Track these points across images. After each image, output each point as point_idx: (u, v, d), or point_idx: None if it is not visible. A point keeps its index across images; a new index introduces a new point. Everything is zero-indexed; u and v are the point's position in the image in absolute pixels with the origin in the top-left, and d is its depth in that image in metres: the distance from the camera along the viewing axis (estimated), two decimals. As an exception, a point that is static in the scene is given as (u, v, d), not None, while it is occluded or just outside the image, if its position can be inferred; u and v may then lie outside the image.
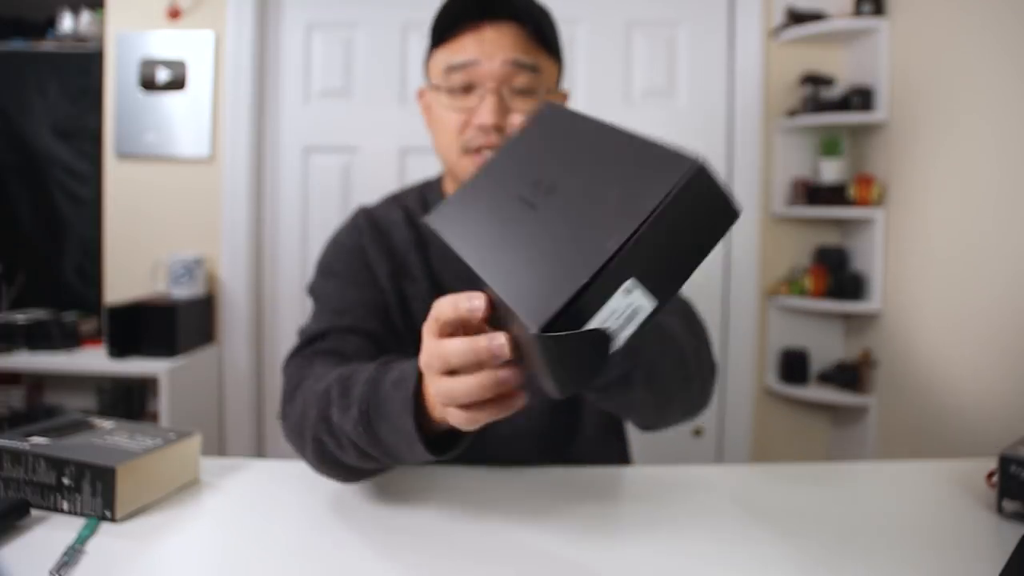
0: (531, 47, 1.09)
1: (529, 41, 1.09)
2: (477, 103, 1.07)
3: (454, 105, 1.09)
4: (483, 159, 1.06)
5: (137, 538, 0.82)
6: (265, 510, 0.92)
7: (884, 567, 0.79)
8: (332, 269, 1.18)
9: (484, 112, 1.06)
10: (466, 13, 1.07)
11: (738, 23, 2.63)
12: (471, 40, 1.07)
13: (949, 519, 0.92)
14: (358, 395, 0.82)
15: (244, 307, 2.66)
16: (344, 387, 0.85)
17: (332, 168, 2.71)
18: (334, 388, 0.87)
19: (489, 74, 1.06)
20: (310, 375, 0.98)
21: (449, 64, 1.08)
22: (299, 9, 2.70)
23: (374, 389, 0.81)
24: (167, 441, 0.95)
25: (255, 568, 0.78)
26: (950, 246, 2.11)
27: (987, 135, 1.97)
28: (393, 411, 0.77)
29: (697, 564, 0.80)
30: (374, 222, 1.22)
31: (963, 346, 2.04)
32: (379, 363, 0.85)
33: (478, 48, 1.06)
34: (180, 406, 2.34)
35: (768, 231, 2.66)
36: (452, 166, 1.13)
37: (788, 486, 1.03)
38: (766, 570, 0.79)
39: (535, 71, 1.08)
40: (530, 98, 1.09)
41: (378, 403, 0.80)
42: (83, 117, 2.69)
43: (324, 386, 0.89)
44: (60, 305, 2.66)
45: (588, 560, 0.80)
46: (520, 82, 1.07)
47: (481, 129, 1.06)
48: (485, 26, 1.07)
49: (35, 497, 0.87)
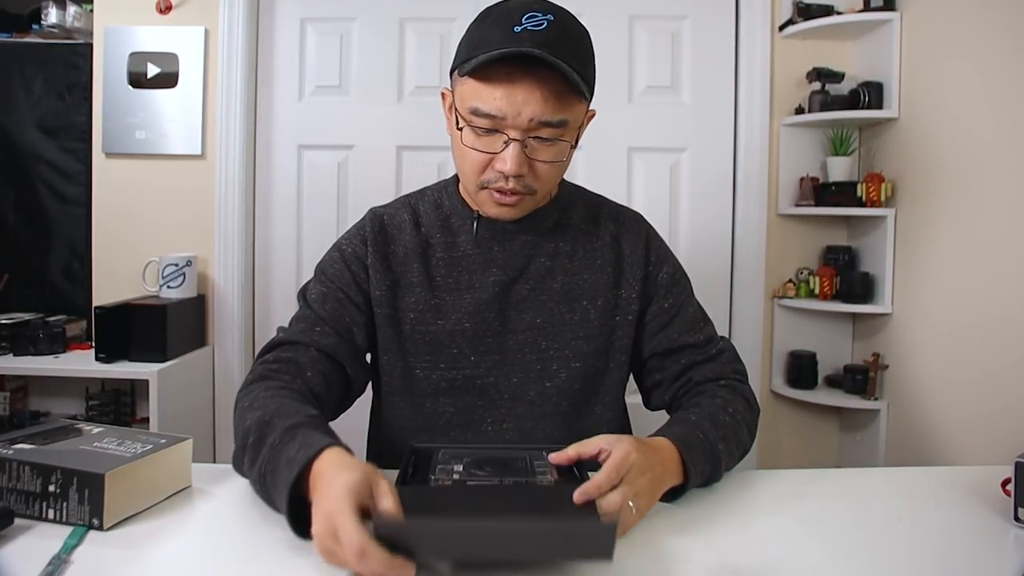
0: (562, 101, 1.06)
1: (561, 93, 1.06)
2: (500, 148, 1.07)
3: (477, 145, 1.09)
4: (501, 198, 1.11)
5: (126, 546, 0.82)
6: (258, 517, 0.91)
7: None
8: (325, 275, 1.22)
9: (507, 161, 1.07)
10: (504, 57, 1.03)
11: (744, 17, 2.59)
12: (502, 92, 1.04)
13: (964, 527, 0.93)
14: (262, 457, 0.89)
15: (236, 309, 2.61)
16: (259, 436, 0.92)
17: (327, 166, 2.67)
18: (252, 434, 0.94)
19: (515, 126, 1.06)
20: (262, 387, 1.06)
21: (475, 108, 1.06)
22: (293, 3, 2.65)
23: (274, 456, 0.88)
24: (157, 447, 0.95)
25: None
26: (962, 246, 2.08)
27: (1000, 132, 1.93)
28: (278, 486, 0.84)
29: (699, 570, 0.79)
30: (381, 227, 1.24)
31: (975, 349, 2.01)
32: (287, 428, 0.90)
33: (507, 103, 1.04)
34: (171, 411, 2.29)
35: (774, 231, 2.62)
36: (470, 192, 1.18)
37: (796, 492, 1.04)
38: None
39: (562, 126, 1.08)
40: (554, 146, 1.09)
41: (273, 470, 0.87)
42: (70, 113, 2.63)
43: (248, 424, 0.96)
44: (46, 308, 2.60)
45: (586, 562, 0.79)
46: (545, 134, 1.07)
47: (502, 173, 1.08)
48: (519, 76, 1.03)
49: (19, 506, 0.86)
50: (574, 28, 1.08)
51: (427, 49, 2.62)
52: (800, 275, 2.61)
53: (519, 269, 1.20)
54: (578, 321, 1.20)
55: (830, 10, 2.48)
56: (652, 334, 1.23)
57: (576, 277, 1.22)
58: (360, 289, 1.20)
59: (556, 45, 1.02)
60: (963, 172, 2.07)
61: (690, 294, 1.28)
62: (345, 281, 1.20)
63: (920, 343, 2.26)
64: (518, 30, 1.02)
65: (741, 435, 1.11)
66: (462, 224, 1.22)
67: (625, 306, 1.22)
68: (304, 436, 0.88)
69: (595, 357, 1.21)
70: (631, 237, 1.26)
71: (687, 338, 1.22)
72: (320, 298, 1.19)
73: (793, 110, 2.56)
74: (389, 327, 1.20)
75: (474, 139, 1.08)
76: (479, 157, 1.09)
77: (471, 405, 1.19)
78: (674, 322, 1.23)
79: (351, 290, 1.19)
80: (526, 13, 1.03)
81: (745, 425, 1.14)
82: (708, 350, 1.23)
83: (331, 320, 1.17)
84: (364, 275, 1.21)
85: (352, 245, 1.23)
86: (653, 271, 1.25)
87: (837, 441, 2.71)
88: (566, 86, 1.04)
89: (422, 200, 1.28)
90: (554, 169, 1.12)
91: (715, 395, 1.16)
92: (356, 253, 1.22)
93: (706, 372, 1.21)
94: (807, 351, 2.59)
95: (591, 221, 1.27)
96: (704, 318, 1.28)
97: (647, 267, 1.24)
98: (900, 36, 2.36)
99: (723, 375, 1.21)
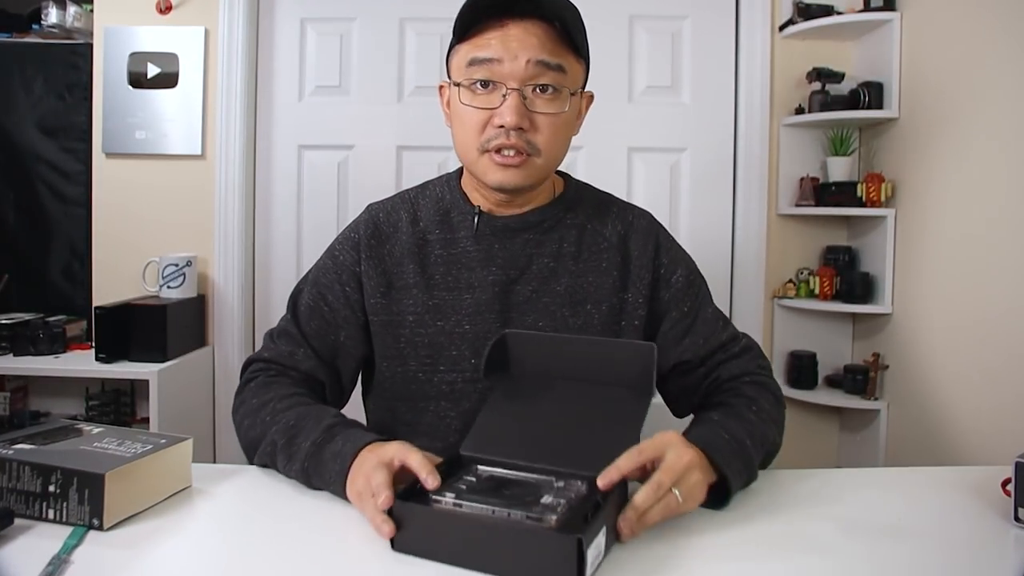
0: (557, 47, 1.06)
1: (556, 41, 1.06)
2: (499, 103, 1.06)
3: (475, 102, 1.07)
4: (503, 159, 1.08)
5: (126, 547, 0.81)
6: (259, 517, 0.92)
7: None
8: (317, 285, 1.22)
9: (506, 112, 1.05)
10: (491, 9, 1.04)
11: (744, 17, 2.59)
12: (496, 37, 1.05)
13: (964, 527, 0.92)
14: (303, 454, 0.98)
15: (237, 309, 2.61)
16: (290, 438, 1.01)
17: (327, 166, 2.66)
18: (280, 437, 1.02)
19: (512, 73, 1.05)
20: (258, 393, 1.13)
21: (472, 58, 1.06)
22: (293, 3, 2.65)
23: (317, 452, 0.97)
24: (157, 447, 0.94)
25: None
26: (962, 246, 2.07)
27: (1001, 132, 1.93)
28: (329, 477, 0.94)
29: (699, 570, 0.79)
30: (375, 228, 1.22)
31: (975, 349, 2.01)
32: (325, 428, 0.99)
33: (502, 46, 1.04)
34: (171, 411, 2.28)
35: (774, 231, 2.61)
36: (471, 164, 1.13)
37: (797, 492, 1.02)
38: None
39: (560, 71, 1.06)
40: (554, 99, 1.08)
41: (318, 465, 0.96)
42: (70, 113, 2.62)
43: (273, 431, 1.04)
44: (46, 308, 2.59)
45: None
46: (544, 80, 1.06)
47: (502, 129, 1.06)
48: (510, 23, 1.04)
49: (19, 506, 0.85)
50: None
51: (427, 49, 2.61)
52: (800, 275, 2.60)
53: (520, 269, 1.17)
54: (582, 326, 1.16)
55: (830, 10, 2.47)
56: (676, 340, 1.19)
57: (581, 279, 1.18)
58: (349, 304, 1.19)
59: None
60: (963, 172, 2.07)
61: (707, 294, 1.25)
62: (335, 294, 1.20)
63: (920, 343, 2.25)
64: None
65: (768, 432, 1.08)
66: (462, 219, 1.19)
67: (631, 311, 1.19)
68: (341, 434, 0.98)
69: None
70: (639, 238, 1.22)
71: (712, 342, 1.19)
72: (308, 313, 1.20)
73: (793, 110, 2.56)
74: (387, 333, 1.18)
75: (472, 96, 1.08)
76: (478, 115, 1.07)
77: (472, 410, 1.13)
78: (696, 327, 1.20)
79: (339, 304, 1.19)
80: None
81: (773, 422, 1.11)
82: (732, 348, 1.20)
83: (315, 338, 1.18)
84: (355, 286, 1.19)
85: (344, 252, 1.22)
86: (665, 274, 1.21)
87: (837, 441, 2.70)
88: (560, 34, 1.05)
89: (423, 194, 1.25)
90: (556, 125, 1.09)
91: (740, 392, 1.12)
92: (347, 262, 1.21)
93: (732, 369, 1.17)
94: (807, 351, 2.59)
95: (597, 220, 1.23)
96: (723, 317, 1.24)
97: (657, 270, 1.21)
98: (900, 36, 2.35)
99: (749, 371, 1.17)
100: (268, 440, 1.04)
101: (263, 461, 1.06)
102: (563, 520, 0.78)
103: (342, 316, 1.19)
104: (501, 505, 0.79)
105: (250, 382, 1.17)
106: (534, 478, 0.88)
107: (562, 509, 0.79)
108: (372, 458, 0.89)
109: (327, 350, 1.19)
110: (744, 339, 1.23)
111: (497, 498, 0.81)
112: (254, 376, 1.17)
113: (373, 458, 0.89)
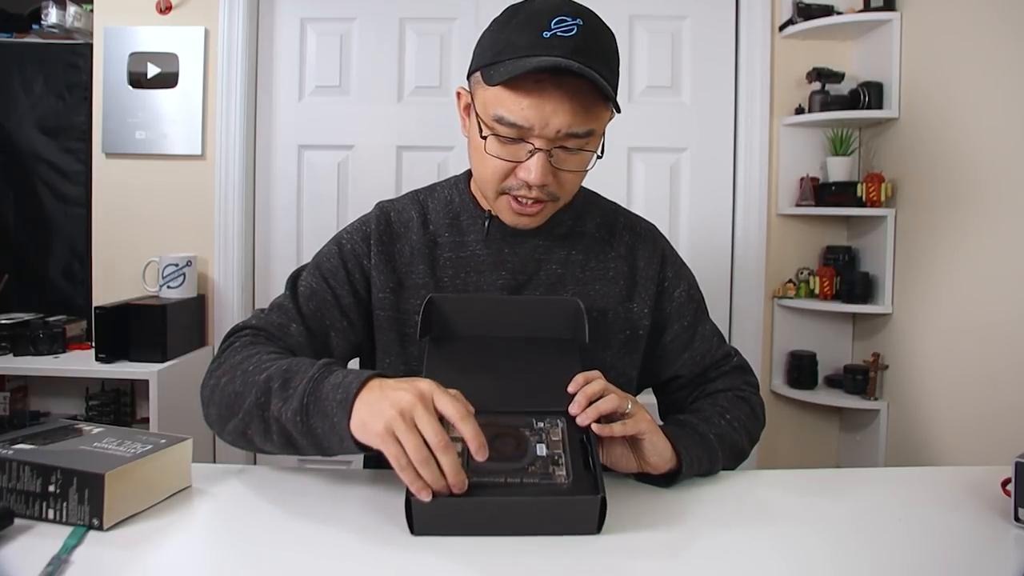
0: (590, 111, 1.02)
1: (590, 100, 1.02)
2: (525, 157, 1.04)
3: (501, 153, 1.05)
4: (520, 207, 1.08)
5: (126, 547, 0.81)
6: (259, 517, 0.91)
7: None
8: (320, 269, 1.18)
9: (532, 171, 1.03)
10: (536, 67, 0.97)
11: (744, 17, 2.59)
12: (530, 102, 0.99)
13: (963, 527, 0.91)
14: (301, 390, 0.90)
15: (236, 309, 2.61)
16: (285, 379, 0.93)
17: (327, 166, 2.66)
18: (275, 380, 0.93)
19: (541, 136, 1.02)
20: (240, 351, 1.04)
21: (500, 116, 1.01)
22: (293, 3, 2.65)
23: (316, 386, 0.90)
24: (157, 447, 0.93)
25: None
26: (962, 246, 2.07)
27: (1001, 132, 1.93)
28: (331, 409, 0.87)
29: (699, 570, 0.79)
30: (387, 224, 1.20)
31: (975, 349, 2.01)
32: (322, 364, 0.93)
33: (536, 113, 0.99)
34: (171, 410, 2.28)
35: (774, 231, 2.61)
36: (487, 197, 1.13)
37: (797, 492, 1.03)
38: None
39: (588, 136, 1.04)
40: (581, 156, 1.07)
41: (318, 399, 0.88)
42: (70, 113, 2.63)
43: (264, 376, 0.95)
44: (47, 308, 2.59)
45: (584, 563, 0.79)
46: (572, 145, 1.04)
47: (525, 184, 1.05)
48: (548, 86, 0.99)
49: (19, 506, 0.85)
50: (603, 32, 1.05)
51: (427, 49, 2.62)
52: (800, 275, 2.60)
53: (528, 274, 1.17)
54: (588, 333, 1.16)
55: (830, 10, 2.48)
56: (675, 355, 1.23)
57: (588, 287, 1.18)
58: (353, 291, 1.16)
59: (587, 53, 0.98)
60: (963, 172, 2.06)
61: (705, 311, 1.27)
62: (338, 280, 1.16)
63: (920, 343, 2.25)
64: (547, 35, 0.98)
65: (737, 439, 1.11)
66: (472, 223, 1.19)
67: (636, 320, 1.20)
68: (339, 370, 0.92)
69: (604, 371, 1.17)
70: (646, 250, 1.23)
71: (707, 359, 1.23)
72: (308, 293, 1.15)
73: (793, 110, 2.56)
74: (391, 330, 1.17)
75: (498, 148, 1.04)
76: (502, 165, 1.05)
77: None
78: (694, 343, 1.23)
79: (342, 290, 1.16)
80: (555, 17, 0.99)
81: (744, 431, 1.13)
82: (724, 366, 1.24)
83: (310, 319, 1.13)
84: (361, 276, 1.17)
85: (353, 241, 1.19)
86: (669, 287, 1.23)
87: (837, 441, 2.70)
88: (595, 95, 1.01)
89: (432, 196, 1.24)
90: (577, 177, 1.10)
91: (716, 403, 1.16)
92: (356, 251, 1.18)
93: (718, 385, 1.22)
94: (807, 351, 2.59)
95: (606, 230, 1.23)
96: (719, 334, 1.28)
97: (662, 283, 1.22)
98: (900, 36, 2.36)
99: (734, 386, 1.21)
100: (257, 388, 0.94)
101: (245, 422, 0.96)
102: (571, 474, 0.85)
103: (344, 302, 1.16)
104: (507, 471, 0.84)
105: (231, 348, 1.07)
106: (512, 426, 0.91)
107: (565, 461, 0.86)
108: (405, 395, 0.82)
109: (321, 332, 1.14)
110: (736, 357, 1.26)
111: (494, 453, 0.83)
112: (237, 341, 1.09)
113: (407, 395, 0.82)
